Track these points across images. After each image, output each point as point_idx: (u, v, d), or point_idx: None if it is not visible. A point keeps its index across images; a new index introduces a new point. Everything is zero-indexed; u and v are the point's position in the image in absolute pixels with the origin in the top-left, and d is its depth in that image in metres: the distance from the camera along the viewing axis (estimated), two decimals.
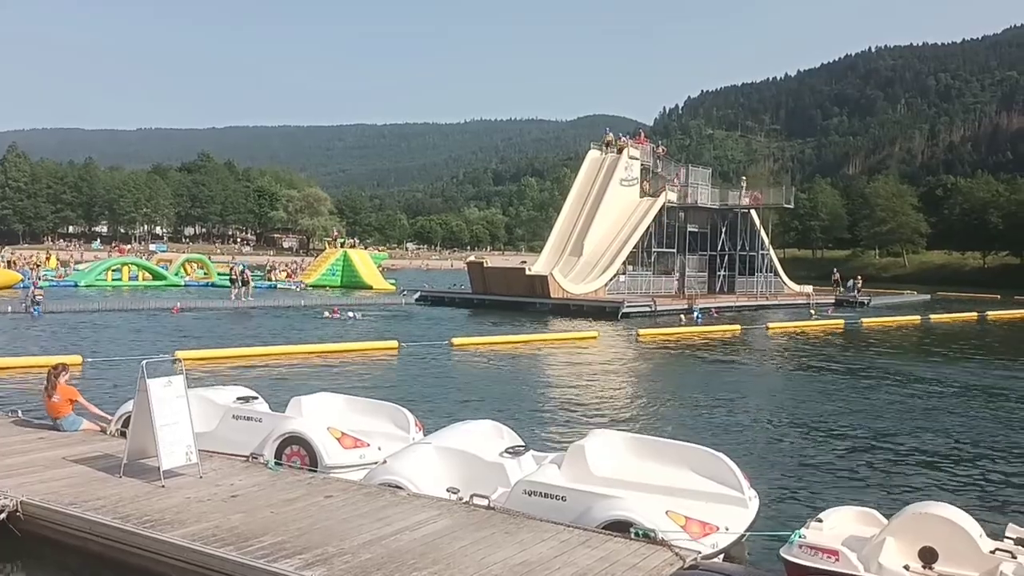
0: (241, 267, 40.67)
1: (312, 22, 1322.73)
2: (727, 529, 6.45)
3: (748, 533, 6.72)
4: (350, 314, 30.86)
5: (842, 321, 34.36)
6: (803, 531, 5.80)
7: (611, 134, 45.32)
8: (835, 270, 50.60)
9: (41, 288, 32.58)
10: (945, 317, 38.66)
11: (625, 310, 33.75)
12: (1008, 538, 5.76)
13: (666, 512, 6.33)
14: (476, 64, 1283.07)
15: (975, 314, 40.01)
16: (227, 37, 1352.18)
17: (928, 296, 54.89)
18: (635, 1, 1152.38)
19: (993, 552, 5.49)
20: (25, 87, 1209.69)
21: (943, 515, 5.62)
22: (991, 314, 40.75)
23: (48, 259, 56.61)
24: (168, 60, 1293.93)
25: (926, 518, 5.61)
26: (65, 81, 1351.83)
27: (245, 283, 37.72)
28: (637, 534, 6.01)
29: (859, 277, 51.52)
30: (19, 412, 10.02)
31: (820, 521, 5.98)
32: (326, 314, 31.04)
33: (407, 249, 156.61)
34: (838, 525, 6.03)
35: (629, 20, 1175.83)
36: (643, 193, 43.42)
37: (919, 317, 37.63)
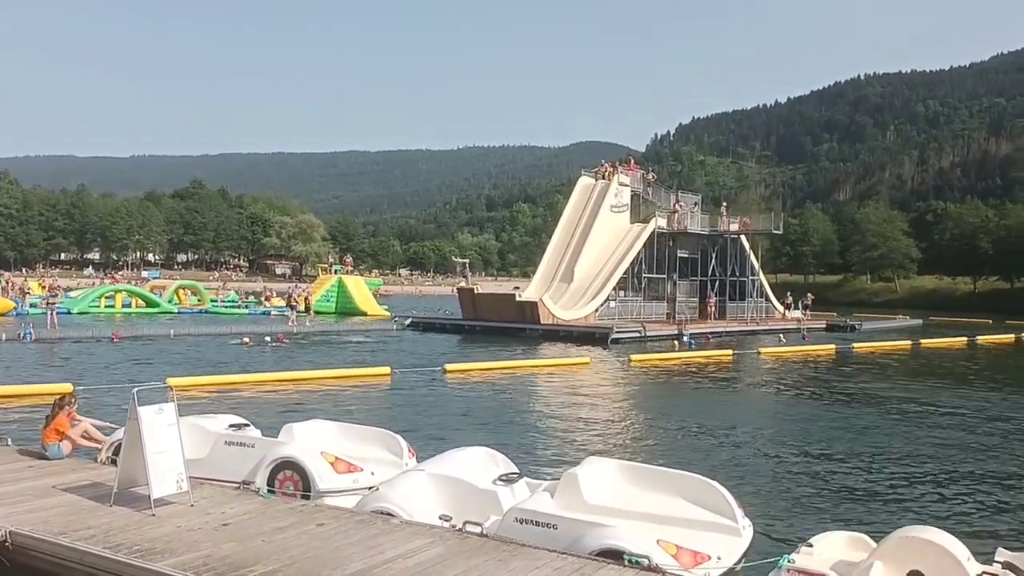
0: (302, 292, 41.31)
1: (310, 31, 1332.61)
2: (719, 559, 6.41)
3: (742, 563, 6.69)
4: (269, 339, 30.46)
5: (834, 346, 34.48)
6: (792, 556, 5.82)
7: (606, 164, 45.97)
8: (788, 294, 51.46)
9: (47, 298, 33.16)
10: (935, 342, 38.79)
11: (614, 336, 33.79)
12: (997, 562, 5.80)
13: (657, 541, 6.31)
14: (468, 89, 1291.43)
15: (965, 339, 40.18)
16: (222, 61, 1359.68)
17: (920, 321, 55.05)
18: (632, 5, 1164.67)
19: None
20: (16, 113, 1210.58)
21: (930, 539, 5.65)
22: (981, 339, 40.92)
23: (43, 284, 56.36)
24: (162, 81, 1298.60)
25: (914, 542, 5.64)
26: (57, 107, 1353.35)
27: (307, 308, 38.22)
28: (630, 561, 6.00)
29: (808, 295, 53.11)
30: (8, 440, 9.96)
31: (810, 546, 6.01)
32: (246, 340, 29.81)
33: (400, 275, 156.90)
34: (828, 550, 6.06)
35: (625, 28, 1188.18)
36: (633, 219, 43.72)
37: (909, 342, 37.76)
